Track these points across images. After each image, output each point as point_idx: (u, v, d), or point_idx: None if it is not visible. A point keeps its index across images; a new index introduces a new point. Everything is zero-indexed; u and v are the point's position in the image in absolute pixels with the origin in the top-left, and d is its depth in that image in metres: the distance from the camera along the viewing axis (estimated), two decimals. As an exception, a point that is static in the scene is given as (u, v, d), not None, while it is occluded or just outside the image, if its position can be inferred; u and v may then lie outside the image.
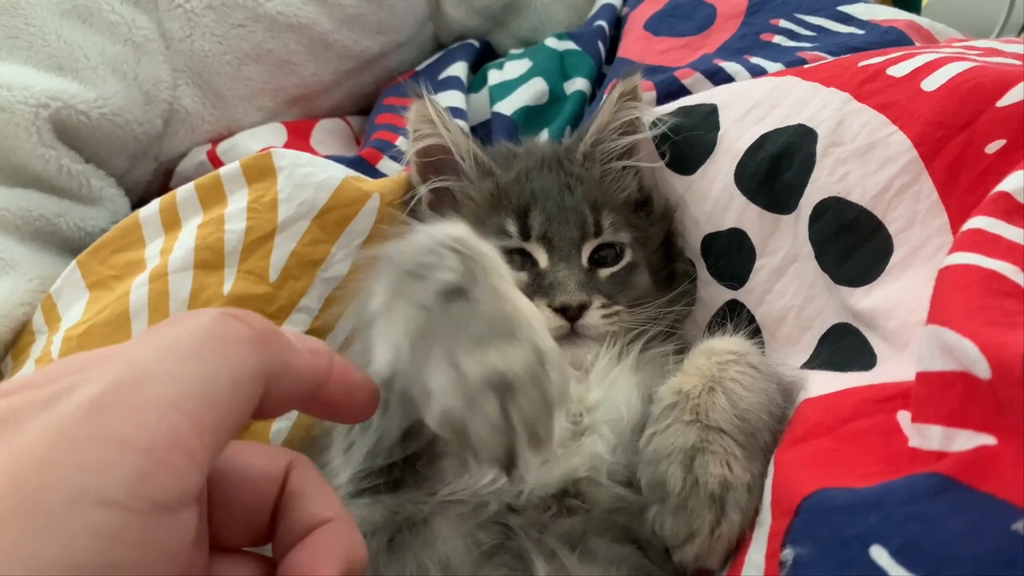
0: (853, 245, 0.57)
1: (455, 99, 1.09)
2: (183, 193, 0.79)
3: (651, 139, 0.75)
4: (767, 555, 0.41)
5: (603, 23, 1.20)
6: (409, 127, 0.78)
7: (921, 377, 0.40)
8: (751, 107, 0.70)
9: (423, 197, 0.78)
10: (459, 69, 1.18)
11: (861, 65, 0.63)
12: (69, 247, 0.96)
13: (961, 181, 0.51)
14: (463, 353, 0.36)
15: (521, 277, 0.69)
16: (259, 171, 0.76)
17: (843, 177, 0.59)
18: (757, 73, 0.83)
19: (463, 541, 0.50)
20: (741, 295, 0.68)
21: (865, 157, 0.57)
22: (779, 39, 0.91)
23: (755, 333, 0.65)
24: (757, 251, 0.67)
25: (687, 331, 0.73)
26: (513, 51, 1.24)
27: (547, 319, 0.64)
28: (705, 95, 0.77)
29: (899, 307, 0.52)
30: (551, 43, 1.18)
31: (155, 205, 0.79)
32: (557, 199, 0.71)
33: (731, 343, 0.56)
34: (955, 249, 0.42)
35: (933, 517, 0.35)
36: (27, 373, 0.75)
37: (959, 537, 0.33)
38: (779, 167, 0.64)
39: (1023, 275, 0.39)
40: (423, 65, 1.29)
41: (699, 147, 0.72)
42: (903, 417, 0.42)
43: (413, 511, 0.52)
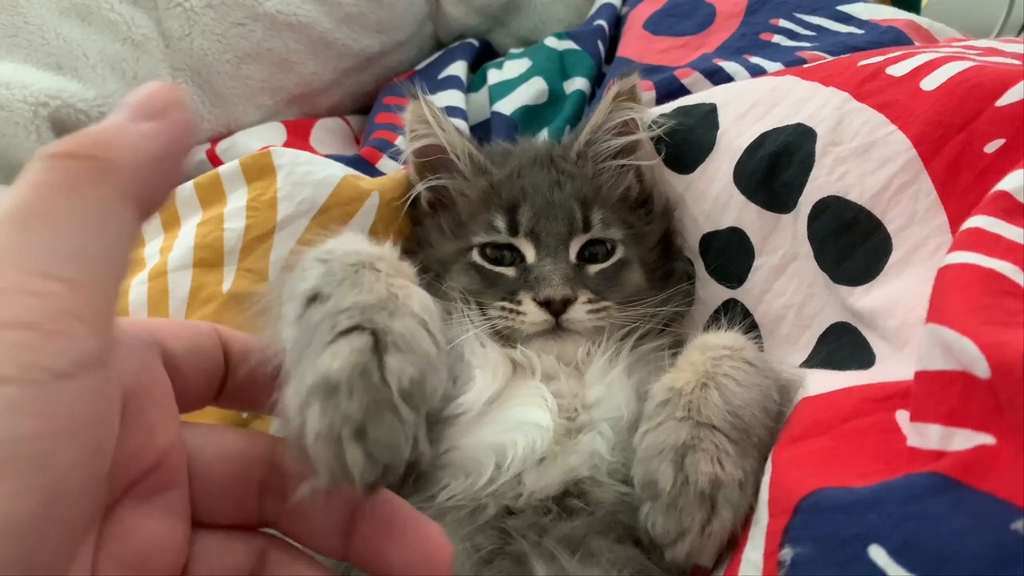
0: (852, 244, 0.57)
1: (455, 98, 1.09)
2: (182, 192, 0.78)
3: (648, 138, 0.75)
4: (765, 554, 0.41)
5: (603, 22, 1.20)
6: (406, 127, 0.79)
7: (920, 376, 0.40)
8: (750, 106, 0.70)
9: (420, 195, 0.78)
10: (459, 68, 1.18)
11: (860, 64, 0.63)
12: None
13: (960, 180, 0.51)
14: (308, 363, 0.34)
15: (509, 272, 0.69)
16: (258, 169, 0.76)
17: (842, 176, 0.59)
18: (756, 72, 0.83)
19: (461, 546, 0.49)
20: (740, 294, 0.68)
21: (864, 156, 0.57)
22: (778, 39, 0.91)
23: (751, 328, 0.64)
24: (756, 250, 0.67)
25: (685, 330, 0.72)
26: (513, 50, 1.24)
27: (533, 313, 0.65)
28: (704, 94, 0.77)
29: (898, 306, 0.52)
30: (551, 42, 1.18)
31: (154, 204, 0.79)
32: (546, 195, 0.71)
33: (726, 338, 0.56)
34: (954, 248, 0.42)
35: (932, 516, 0.35)
36: None
37: (958, 536, 0.33)
38: (778, 166, 0.64)
39: (1023, 274, 0.38)
40: (423, 64, 1.29)
41: (698, 146, 0.72)
42: (902, 416, 0.42)
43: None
